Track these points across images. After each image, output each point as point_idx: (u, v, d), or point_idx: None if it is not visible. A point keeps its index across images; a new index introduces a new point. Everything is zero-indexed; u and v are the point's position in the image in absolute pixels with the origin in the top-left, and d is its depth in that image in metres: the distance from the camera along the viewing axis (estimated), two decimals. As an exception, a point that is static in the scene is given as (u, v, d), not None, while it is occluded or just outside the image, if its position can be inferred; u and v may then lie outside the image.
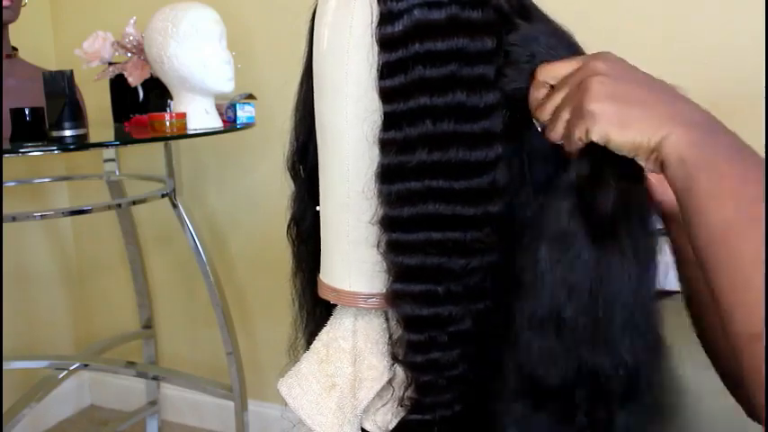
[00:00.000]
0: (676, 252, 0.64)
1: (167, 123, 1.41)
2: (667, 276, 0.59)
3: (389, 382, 0.64)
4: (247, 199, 1.94)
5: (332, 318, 0.69)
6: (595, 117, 0.49)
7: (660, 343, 0.55)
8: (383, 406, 0.64)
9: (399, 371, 0.63)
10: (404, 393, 0.62)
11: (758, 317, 0.42)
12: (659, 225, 0.61)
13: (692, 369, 0.59)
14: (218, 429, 2.10)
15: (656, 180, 0.56)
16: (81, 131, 1.32)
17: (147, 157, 1.99)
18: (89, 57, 1.60)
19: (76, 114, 1.31)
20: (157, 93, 1.60)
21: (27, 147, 1.26)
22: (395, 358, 0.62)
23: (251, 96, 1.62)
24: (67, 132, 1.29)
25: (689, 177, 0.46)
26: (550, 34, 0.56)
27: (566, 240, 0.52)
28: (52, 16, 2.11)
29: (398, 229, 0.58)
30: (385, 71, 0.56)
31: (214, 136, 1.54)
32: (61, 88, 1.28)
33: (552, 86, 0.54)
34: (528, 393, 0.55)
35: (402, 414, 0.64)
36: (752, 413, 0.56)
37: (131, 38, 1.57)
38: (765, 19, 1.21)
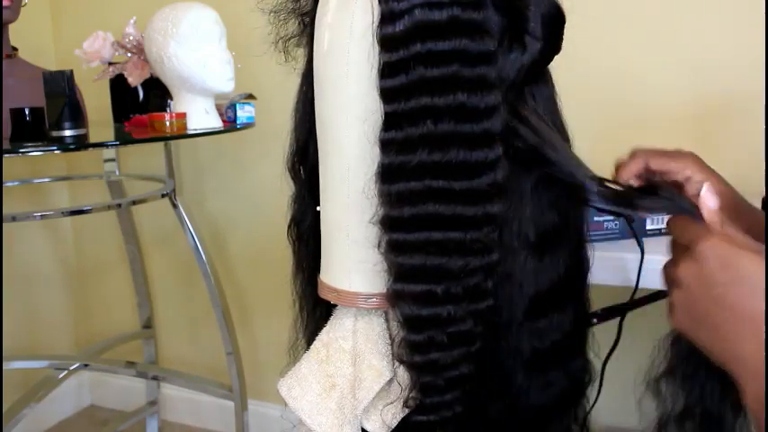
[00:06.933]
0: None
1: (167, 123, 1.41)
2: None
3: (390, 382, 0.64)
4: (247, 199, 1.94)
5: (332, 318, 0.69)
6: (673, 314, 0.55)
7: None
8: (384, 406, 0.64)
9: (401, 372, 0.63)
10: (408, 394, 0.62)
11: None
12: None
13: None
14: (218, 429, 2.10)
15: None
16: (81, 131, 1.31)
17: (147, 157, 1.99)
18: (89, 57, 1.60)
19: (76, 114, 1.30)
20: (157, 93, 1.60)
21: (27, 147, 1.26)
22: (397, 359, 0.62)
23: (251, 96, 1.62)
24: (67, 132, 1.29)
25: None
26: None
27: None
28: (52, 16, 2.11)
29: (399, 229, 0.58)
30: (386, 71, 0.56)
31: (214, 136, 1.54)
32: (61, 88, 1.28)
33: None
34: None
35: (403, 414, 0.64)
36: None
37: (131, 38, 1.57)
38: (765, 20, 1.21)
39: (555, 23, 0.60)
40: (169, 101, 1.52)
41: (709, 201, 0.55)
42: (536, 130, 0.58)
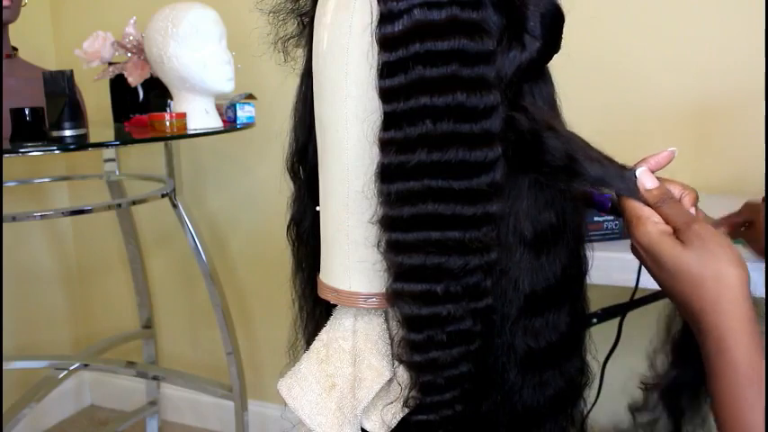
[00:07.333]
0: None
1: (167, 123, 1.41)
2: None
3: (390, 381, 0.64)
4: (247, 199, 1.94)
5: (332, 318, 0.69)
6: None
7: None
8: (384, 406, 0.64)
9: (401, 371, 0.63)
10: (408, 394, 0.62)
11: None
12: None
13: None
14: (218, 429, 2.10)
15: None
16: (81, 131, 1.32)
17: (147, 157, 1.99)
18: (89, 57, 1.60)
19: (76, 114, 1.30)
20: (157, 93, 1.60)
21: (27, 147, 1.26)
22: (397, 358, 0.62)
23: (251, 96, 1.62)
24: (67, 132, 1.29)
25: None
26: None
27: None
28: (52, 16, 2.11)
29: (398, 228, 0.58)
30: (385, 71, 0.56)
31: (214, 136, 1.54)
32: (61, 88, 1.28)
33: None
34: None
35: (403, 414, 0.64)
36: None
37: (131, 38, 1.57)
38: (765, 20, 1.21)
39: (554, 22, 0.60)
40: (169, 101, 1.52)
41: (646, 181, 0.60)
42: (535, 118, 0.58)
